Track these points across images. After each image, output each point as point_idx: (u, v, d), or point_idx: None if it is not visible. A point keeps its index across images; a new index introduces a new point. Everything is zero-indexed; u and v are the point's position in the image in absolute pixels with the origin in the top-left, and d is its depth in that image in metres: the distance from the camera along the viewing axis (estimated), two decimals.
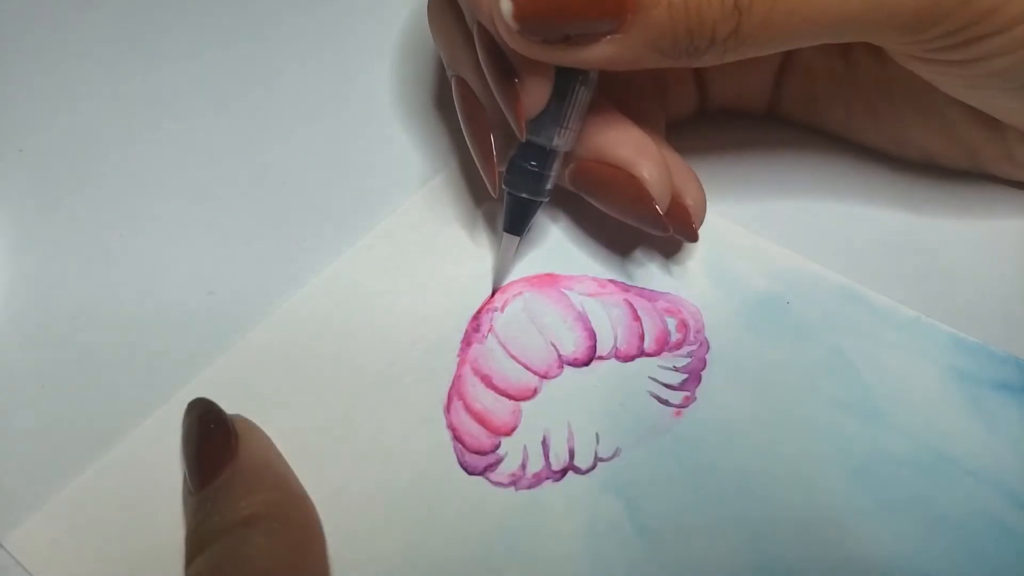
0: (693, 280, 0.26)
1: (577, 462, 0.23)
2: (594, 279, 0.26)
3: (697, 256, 0.26)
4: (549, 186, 0.24)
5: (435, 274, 0.26)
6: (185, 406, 0.22)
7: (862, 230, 0.27)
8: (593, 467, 0.23)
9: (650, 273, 0.26)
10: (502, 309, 0.25)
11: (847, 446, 0.23)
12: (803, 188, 0.28)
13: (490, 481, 0.23)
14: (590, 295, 0.26)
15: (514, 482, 0.23)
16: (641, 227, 0.24)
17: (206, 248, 0.26)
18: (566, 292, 0.26)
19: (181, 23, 0.32)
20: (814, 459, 0.23)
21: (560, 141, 0.23)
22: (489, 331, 0.25)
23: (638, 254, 0.26)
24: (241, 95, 0.30)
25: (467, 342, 0.25)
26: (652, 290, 0.26)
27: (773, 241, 0.27)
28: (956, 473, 0.22)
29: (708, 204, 0.27)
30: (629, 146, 0.24)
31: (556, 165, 0.24)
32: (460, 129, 0.29)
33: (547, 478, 0.23)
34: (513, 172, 0.24)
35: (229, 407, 0.22)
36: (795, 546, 0.22)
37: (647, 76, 0.27)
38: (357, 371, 0.24)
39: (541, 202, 0.24)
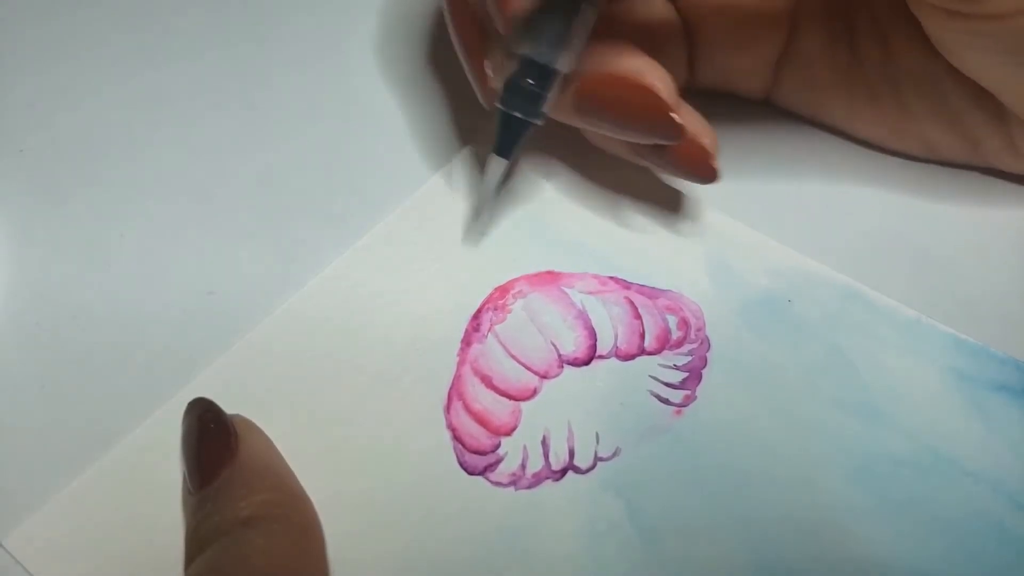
0: (694, 277, 0.26)
1: (577, 462, 0.23)
2: (595, 276, 0.26)
3: (698, 253, 0.26)
4: (545, 108, 0.24)
5: (435, 274, 0.26)
6: (185, 406, 0.22)
7: (864, 229, 0.27)
8: (593, 467, 0.23)
9: (651, 270, 0.26)
10: (503, 310, 0.25)
11: (847, 446, 0.23)
12: (805, 187, 0.28)
13: (490, 481, 0.23)
14: (591, 293, 0.25)
15: (514, 482, 0.23)
16: (652, 139, 0.24)
17: (206, 248, 0.26)
18: (566, 290, 0.26)
19: (181, 23, 0.32)
20: (814, 459, 0.23)
21: (562, 61, 0.23)
22: (489, 331, 0.25)
23: (639, 251, 0.26)
24: (241, 95, 0.30)
25: (467, 342, 0.25)
26: (653, 287, 0.26)
27: (775, 239, 0.26)
28: (955, 474, 0.22)
29: (710, 203, 0.27)
30: (636, 59, 0.23)
31: (555, 87, 0.23)
32: (461, 129, 0.29)
33: (547, 478, 0.23)
34: (510, 90, 0.23)
35: (229, 407, 0.22)
36: (795, 546, 0.22)
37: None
38: (357, 371, 0.24)
39: (535, 124, 0.24)
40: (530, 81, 0.23)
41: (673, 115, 0.23)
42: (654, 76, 0.23)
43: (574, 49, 0.23)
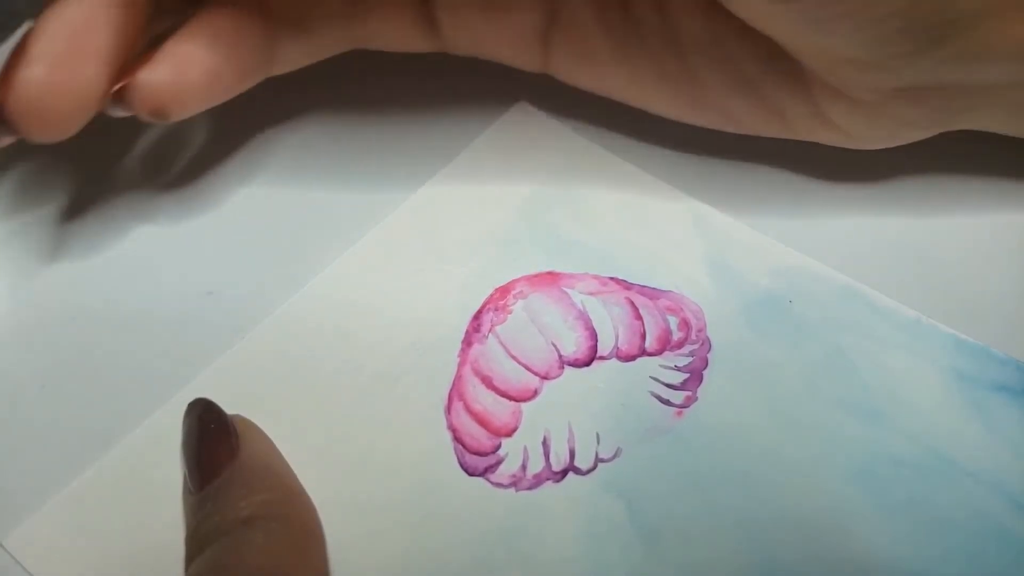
0: (695, 278, 0.26)
1: (578, 463, 0.23)
2: (595, 277, 0.26)
3: (698, 253, 0.26)
4: None
5: (435, 274, 0.26)
6: (185, 406, 0.22)
7: (864, 229, 0.27)
8: (594, 468, 0.23)
9: (652, 271, 0.26)
10: (503, 310, 0.25)
11: (848, 446, 0.23)
12: (806, 186, 0.28)
13: (490, 482, 0.22)
14: (591, 294, 0.25)
15: (514, 483, 0.23)
16: None
17: (206, 248, 0.26)
18: (567, 291, 0.26)
19: None
20: (815, 459, 0.23)
21: None
22: (490, 331, 0.25)
23: (639, 251, 0.26)
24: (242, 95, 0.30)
25: (467, 342, 0.25)
26: (654, 288, 0.26)
27: (775, 239, 0.26)
28: (956, 475, 0.22)
29: (710, 202, 0.27)
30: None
31: None
32: (462, 128, 0.29)
33: (547, 479, 0.23)
34: None
35: (229, 407, 0.22)
36: (795, 546, 0.22)
37: None
38: (357, 371, 0.24)
39: None
40: None
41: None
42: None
43: None
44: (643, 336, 0.25)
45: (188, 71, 0.22)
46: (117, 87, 0.22)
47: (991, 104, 0.24)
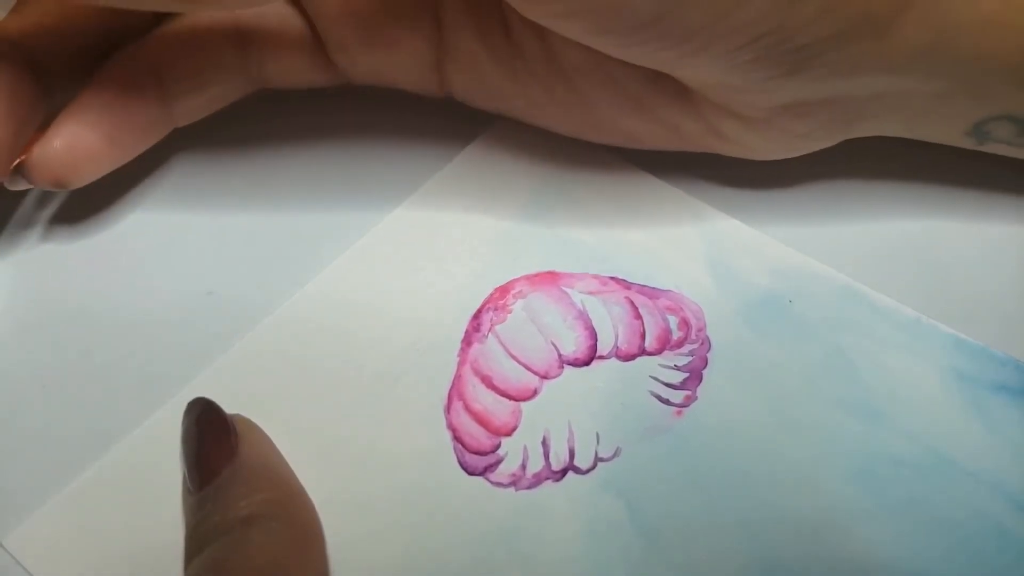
0: (695, 277, 0.26)
1: (577, 462, 0.23)
2: (595, 277, 0.26)
3: (698, 253, 0.26)
4: None
5: (435, 274, 0.26)
6: (185, 406, 0.22)
7: (864, 229, 0.27)
8: (593, 467, 0.23)
9: (651, 270, 0.26)
10: (503, 310, 0.25)
11: (847, 446, 0.23)
12: (806, 186, 0.28)
13: (490, 481, 0.23)
14: (591, 293, 0.25)
15: (514, 482, 0.23)
16: None
17: (206, 248, 0.26)
18: (567, 290, 0.26)
19: None
20: (814, 459, 0.23)
21: None
22: (489, 331, 0.25)
23: (639, 251, 0.26)
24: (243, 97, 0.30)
25: (467, 342, 0.25)
26: (654, 288, 0.26)
27: (775, 239, 0.26)
28: (956, 475, 0.22)
29: (710, 202, 0.27)
30: None
31: None
32: (462, 128, 0.29)
33: (547, 478, 0.23)
34: None
35: (229, 407, 0.22)
36: (795, 546, 0.22)
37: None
38: (357, 371, 0.24)
39: None
40: None
41: None
42: None
43: None
44: (643, 335, 0.25)
45: (80, 142, 0.24)
46: (16, 162, 0.24)
47: (887, 111, 0.24)
